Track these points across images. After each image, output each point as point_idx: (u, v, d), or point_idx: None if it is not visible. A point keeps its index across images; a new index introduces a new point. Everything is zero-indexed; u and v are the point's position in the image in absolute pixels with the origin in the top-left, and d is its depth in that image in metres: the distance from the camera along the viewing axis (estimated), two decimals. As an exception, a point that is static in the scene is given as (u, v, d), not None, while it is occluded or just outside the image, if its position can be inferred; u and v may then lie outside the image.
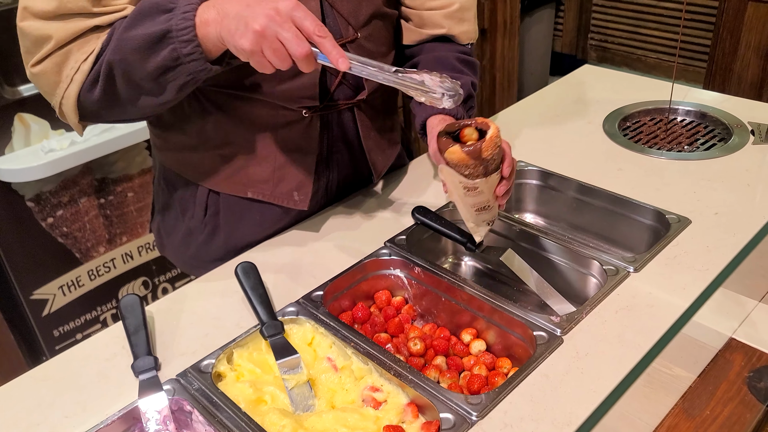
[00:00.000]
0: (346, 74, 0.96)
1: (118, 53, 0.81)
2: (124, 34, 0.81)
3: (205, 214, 1.04)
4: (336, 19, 0.93)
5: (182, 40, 0.78)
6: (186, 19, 0.78)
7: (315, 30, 0.74)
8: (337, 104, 0.98)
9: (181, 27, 0.78)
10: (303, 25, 0.74)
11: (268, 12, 0.73)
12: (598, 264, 0.93)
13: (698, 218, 0.99)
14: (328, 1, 0.92)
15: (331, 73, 0.95)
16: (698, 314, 0.66)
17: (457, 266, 1.10)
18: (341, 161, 1.06)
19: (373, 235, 1.02)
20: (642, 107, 1.32)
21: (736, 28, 2.25)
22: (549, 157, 1.18)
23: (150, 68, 0.80)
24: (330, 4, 0.92)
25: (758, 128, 1.20)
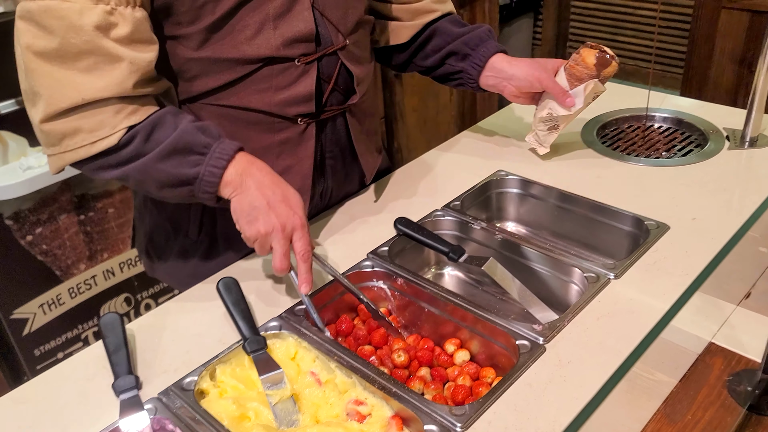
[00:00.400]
0: (337, 79, 0.99)
1: (139, 175, 0.86)
2: (152, 164, 0.84)
3: (200, 230, 1.04)
4: (327, 28, 0.95)
5: (203, 190, 0.86)
6: (213, 175, 0.85)
7: (302, 253, 0.85)
8: (330, 110, 1.00)
9: (206, 180, 0.85)
10: (296, 244, 0.85)
11: (277, 225, 0.83)
12: (580, 271, 0.93)
13: (676, 224, 1.00)
14: (318, 11, 0.93)
15: (324, 80, 0.97)
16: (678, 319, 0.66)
17: (440, 276, 1.10)
18: (335, 167, 1.07)
19: (356, 246, 1.02)
20: (620, 114, 1.33)
21: (710, 34, 2.28)
22: (530, 166, 1.19)
23: (164, 193, 0.88)
24: (321, 13, 0.94)
25: (733, 134, 1.22)
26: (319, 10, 0.93)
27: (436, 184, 1.18)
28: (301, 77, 0.94)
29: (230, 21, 0.88)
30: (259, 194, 0.85)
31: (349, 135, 1.06)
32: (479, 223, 1.05)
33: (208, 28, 0.88)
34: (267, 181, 0.86)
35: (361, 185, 1.17)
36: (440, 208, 1.09)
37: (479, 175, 1.18)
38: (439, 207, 1.10)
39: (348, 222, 1.09)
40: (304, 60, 0.93)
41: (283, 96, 0.94)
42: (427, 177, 1.20)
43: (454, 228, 1.07)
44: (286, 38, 0.91)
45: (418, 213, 1.09)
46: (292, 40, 0.91)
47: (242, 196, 0.85)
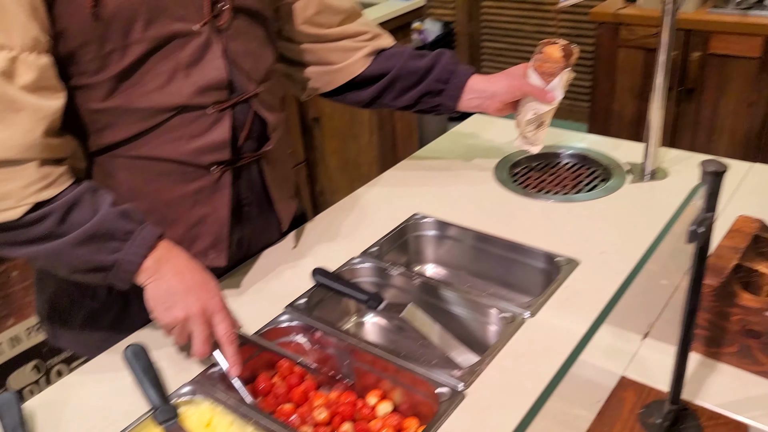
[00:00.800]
0: (251, 127, 0.98)
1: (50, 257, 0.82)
2: (67, 248, 0.80)
3: (110, 291, 0.99)
4: (239, 76, 0.95)
5: (118, 277, 0.83)
6: (132, 263, 0.82)
7: (226, 336, 0.84)
8: (246, 157, 0.99)
9: (124, 268, 0.82)
10: (217, 329, 0.84)
11: (196, 310, 0.82)
12: (496, 312, 0.94)
13: (586, 258, 1.03)
14: (230, 60, 0.93)
15: (238, 128, 0.97)
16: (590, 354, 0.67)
17: (361, 325, 1.09)
18: (251, 215, 1.05)
19: (273, 300, 0.99)
20: (529, 153, 1.37)
21: (610, 71, 2.42)
22: (445, 208, 1.20)
23: (75, 276, 0.85)
24: (233, 62, 0.94)
25: (634, 167, 1.28)
26: (231, 58, 0.93)
27: (354, 229, 1.17)
28: (214, 125, 0.93)
29: (139, 70, 0.87)
30: (176, 280, 0.83)
31: (264, 182, 1.05)
32: (397, 269, 1.05)
33: (116, 77, 0.86)
34: (184, 267, 0.85)
35: (280, 232, 1.16)
36: (358, 255, 1.09)
37: (396, 219, 1.18)
38: (357, 254, 1.09)
39: (265, 274, 1.06)
40: (217, 108, 0.93)
41: (196, 144, 0.93)
42: (345, 223, 1.20)
43: (372, 275, 1.06)
44: (199, 86, 0.90)
45: (336, 261, 1.08)
46: (204, 88, 0.91)
47: (158, 282, 0.83)
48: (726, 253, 0.82)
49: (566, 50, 1.15)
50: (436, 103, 1.19)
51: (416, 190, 1.28)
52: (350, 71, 1.17)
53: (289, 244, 1.15)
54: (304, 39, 1.14)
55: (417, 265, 1.19)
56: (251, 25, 0.97)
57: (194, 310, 0.82)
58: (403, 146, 3.02)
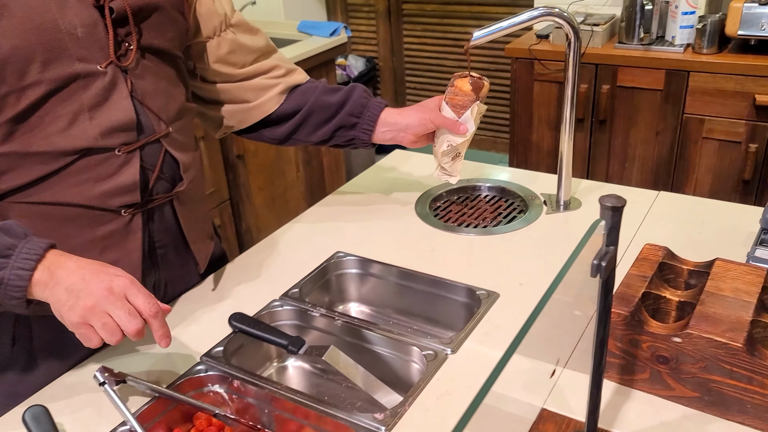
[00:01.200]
0: (162, 167, 0.96)
1: None
2: None
3: (13, 343, 0.93)
4: (148, 116, 0.93)
5: (9, 296, 0.77)
6: (20, 278, 0.76)
7: (147, 308, 0.77)
8: (157, 198, 0.96)
9: (12, 284, 0.76)
10: (136, 302, 0.77)
11: (101, 291, 0.76)
12: (418, 350, 0.94)
13: (505, 291, 1.04)
14: (138, 99, 0.91)
15: (149, 169, 0.94)
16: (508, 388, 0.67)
17: (283, 370, 1.06)
18: (166, 257, 1.02)
19: (189, 348, 0.95)
20: (449, 187, 1.39)
21: (527, 104, 2.50)
22: (368, 245, 1.20)
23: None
24: (140, 102, 0.92)
25: (549, 198, 1.32)
26: (138, 98, 0.91)
27: (275, 270, 1.15)
28: (123, 167, 0.91)
29: (38, 112, 0.83)
30: (74, 278, 0.77)
31: (178, 223, 1.02)
32: (318, 310, 1.03)
33: (13, 120, 0.82)
34: (79, 265, 0.79)
35: (198, 275, 1.12)
36: (278, 297, 1.06)
37: (318, 258, 1.17)
38: (278, 296, 1.07)
39: (180, 321, 1.02)
40: (125, 149, 0.90)
41: (104, 187, 0.90)
42: (265, 263, 1.17)
43: (293, 317, 1.04)
44: (105, 128, 0.88)
45: (256, 304, 1.05)
46: (111, 130, 0.88)
47: (55, 288, 0.77)
48: (634, 281, 0.85)
49: (476, 84, 1.17)
50: (351, 137, 1.20)
51: (338, 228, 1.27)
52: (264, 109, 1.16)
53: (208, 288, 1.11)
54: (218, 78, 1.12)
55: (340, 305, 1.18)
56: (160, 64, 0.95)
57: (100, 293, 0.75)
58: (330, 180, 3.01)
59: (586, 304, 0.82)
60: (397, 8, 3.62)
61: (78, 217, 0.90)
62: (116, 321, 0.76)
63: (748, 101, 2.10)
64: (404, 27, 3.65)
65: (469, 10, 3.41)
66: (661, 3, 2.28)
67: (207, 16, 1.07)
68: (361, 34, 3.77)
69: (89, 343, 0.78)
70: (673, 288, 0.88)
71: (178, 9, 0.98)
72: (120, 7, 0.87)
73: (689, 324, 0.76)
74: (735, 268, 0.85)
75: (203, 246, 1.10)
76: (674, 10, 2.24)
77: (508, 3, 3.29)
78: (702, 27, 2.15)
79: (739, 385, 0.74)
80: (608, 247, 0.61)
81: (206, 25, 1.07)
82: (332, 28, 2.79)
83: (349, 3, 3.74)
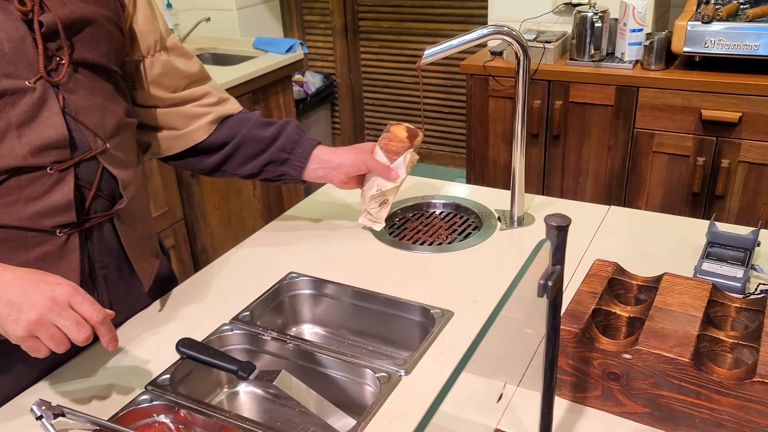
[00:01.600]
0: (100, 185, 0.93)
1: None
2: None
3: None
4: (82, 132, 0.90)
5: None
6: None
7: (93, 316, 0.76)
8: (95, 217, 0.94)
9: None
10: (81, 310, 0.76)
11: (44, 302, 0.74)
12: (372, 372, 0.92)
13: (460, 309, 1.04)
14: (71, 115, 0.88)
15: (85, 187, 0.91)
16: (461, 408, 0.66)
17: (234, 396, 1.03)
18: (109, 278, 0.99)
19: (133, 377, 0.92)
20: (404, 204, 1.39)
21: (483, 120, 2.53)
22: (321, 265, 1.18)
23: None
24: (74, 118, 0.89)
25: (503, 215, 1.32)
26: (72, 114, 0.88)
27: (225, 293, 1.12)
28: (56, 185, 0.87)
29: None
30: (11, 289, 0.75)
31: (120, 242, 0.99)
32: (270, 334, 1.00)
33: None
34: (15, 275, 0.77)
35: (145, 296, 1.08)
36: (228, 321, 1.03)
37: (270, 279, 1.14)
38: (228, 320, 1.04)
39: (124, 347, 0.98)
40: (58, 167, 0.87)
41: (36, 207, 0.86)
42: (215, 286, 1.14)
43: (244, 341, 1.01)
44: (35, 146, 0.84)
45: (205, 329, 1.02)
46: (41, 148, 0.85)
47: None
48: (584, 298, 0.85)
49: (411, 132, 1.20)
50: (281, 173, 1.17)
51: (292, 247, 1.25)
52: (193, 137, 1.13)
53: (154, 312, 1.07)
54: (148, 101, 1.08)
55: (294, 327, 1.15)
56: (95, 79, 0.93)
57: (43, 304, 0.74)
58: (289, 197, 2.98)
59: (537, 321, 0.81)
60: (353, 25, 3.63)
61: (9, 239, 0.86)
62: (63, 331, 0.75)
63: (695, 116, 2.16)
64: (361, 44, 3.66)
65: (425, 27, 3.44)
66: (610, 20, 2.34)
67: (143, 33, 1.04)
68: (318, 50, 3.77)
69: (37, 354, 0.76)
70: (623, 304, 0.89)
71: (114, 22, 0.95)
72: (50, 21, 0.84)
73: (638, 340, 0.76)
74: (682, 282, 0.86)
75: (147, 265, 1.07)
76: (623, 27, 2.30)
77: (462, 21, 3.34)
78: (649, 44, 2.21)
79: (688, 399, 0.75)
80: (554, 266, 0.61)
81: (142, 42, 1.04)
82: (288, 45, 2.78)
83: (306, 20, 3.74)
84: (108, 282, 0.99)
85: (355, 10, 3.60)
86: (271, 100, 2.76)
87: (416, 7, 3.44)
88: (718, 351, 0.79)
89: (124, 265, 1.01)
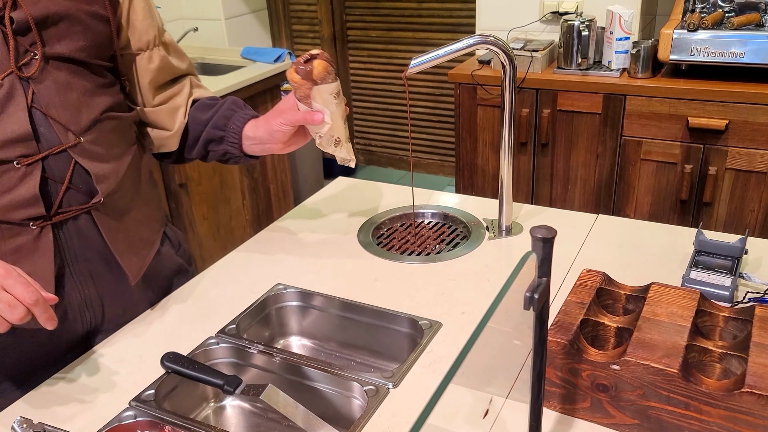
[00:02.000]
0: (73, 179, 0.94)
1: None
2: None
3: None
4: (51, 127, 0.91)
5: None
6: None
7: (26, 297, 0.76)
8: (69, 211, 0.94)
9: None
10: (15, 292, 0.76)
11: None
12: (359, 385, 0.91)
13: (448, 320, 1.03)
14: (40, 110, 0.90)
15: (56, 180, 0.92)
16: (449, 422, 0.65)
17: (220, 411, 1.01)
18: (96, 272, 1.00)
19: (117, 393, 0.90)
20: (392, 214, 1.38)
21: (471, 128, 2.53)
22: (309, 276, 1.17)
23: None
24: (44, 113, 0.90)
25: (491, 224, 1.32)
26: (41, 109, 0.90)
27: (211, 306, 1.11)
28: (23, 179, 0.89)
29: None
30: None
31: (102, 235, 0.98)
32: (256, 347, 0.99)
33: None
34: None
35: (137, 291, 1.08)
36: (214, 334, 1.02)
37: (257, 291, 1.13)
38: (214, 333, 1.02)
39: (107, 362, 0.97)
40: (25, 161, 0.89)
41: (4, 201, 0.89)
42: (201, 299, 1.13)
43: (230, 355, 1.00)
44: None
45: (190, 343, 1.00)
46: (5, 142, 0.87)
47: None
48: (572, 308, 0.85)
49: (304, 72, 1.04)
50: (223, 151, 1.15)
51: (279, 259, 1.24)
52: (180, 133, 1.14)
53: (138, 326, 1.06)
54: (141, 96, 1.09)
55: (281, 339, 1.14)
56: (72, 74, 0.93)
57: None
58: (278, 207, 2.97)
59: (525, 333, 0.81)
60: (342, 34, 3.63)
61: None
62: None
63: (681, 123, 2.17)
64: (350, 53, 3.67)
65: (413, 36, 3.45)
66: (597, 29, 2.35)
67: (144, 26, 1.04)
68: (307, 59, 3.77)
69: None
70: (611, 314, 0.89)
71: (98, 17, 0.95)
72: (21, 18, 0.85)
73: (626, 351, 0.76)
74: (670, 292, 0.86)
75: (135, 258, 1.05)
76: (609, 36, 2.31)
77: (450, 30, 3.35)
78: (636, 52, 2.22)
79: (677, 411, 0.74)
80: (540, 279, 0.60)
81: (142, 35, 1.04)
82: (276, 54, 2.77)
83: (294, 29, 3.74)
84: (95, 276, 0.99)
85: (343, 20, 3.61)
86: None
87: (404, 16, 3.45)
88: (706, 361, 0.79)
89: (113, 260, 1.01)
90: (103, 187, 0.97)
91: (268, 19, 3.61)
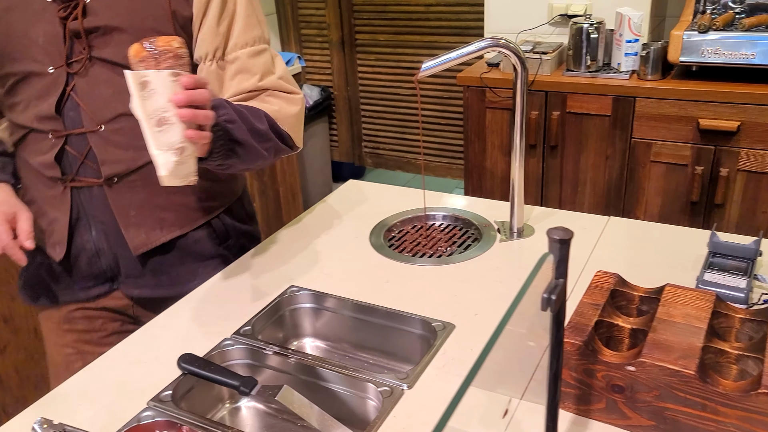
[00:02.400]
0: (88, 154, 1.10)
1: None
2: None
3: None
4: (79, 112, 1.08)
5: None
6: None
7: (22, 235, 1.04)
8: (84, 181, 1.12)
9: None
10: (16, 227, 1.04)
11: None
12: (374, 386, 0.91)
13: (461, 321, 1.03)
14: (77, 99, 1.07)
15: (75, 155, 1.10)
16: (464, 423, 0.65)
17: (236, 412, 1.02)
18: (109, 234, 1.15)
19: (135, 395, 0.91)
20: (403, 216, 1.39)
21: (480, 131, 2.53)
22: (322, 278, 1.18)
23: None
24: (77, 100, 1.07)
25: (503, 226, 1.32)
26: (78, 98, 1.07)
27: (226, 308, 1.11)
28: (52, 148, 1.10)
29: (12, 93, 1.11)
30: None
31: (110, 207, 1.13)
32: (271, 348, 1.00)
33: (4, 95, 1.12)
34: None
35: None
36: (230, 336, 1.03)
37: (271, 294, 1.14)
38: (229, 334, 1.03)
39: (126, 364, 0.98)
40: (55, 135, 1.10)
41: (39, 160, 1.12)
42: (216, 301, 1.14)
43: (245, 356, 1.01)
44: (38, 116, 1.09)
45: (206, 344, 1.01)
46: (41, 118, 1.09)
47: None
48: (587, 310, 0.85)
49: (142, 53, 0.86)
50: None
51: (292, 261, 1.24)
52: None
53: (155, 328, 1.07)
54: None
55: (295, 341, 1.15)
56: (113, 74, 1.06)
57: None
58: (288, 210, 2.98)
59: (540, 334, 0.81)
60: (350, 39, 3.64)
61: (37, 177, 1.14)
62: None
63: (692, 125, 2.17)
64: (358, 57, 3.68)
65: (421, 40, 3.46)
66: (606, 31, 2.35)
67: (203, 39, 1.10)
68: (315, 64, 3.78)
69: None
70: (625, 315, 0.89)
71: (154, 31, 1.04)
72: (75, 28, 1.04)
73: (642, 352, 0.76)
74: (684, 293, 0.86)
75: (140, 232, 1.15)
76: (619, 38, 2.31)
77: (458, 33, 3.35)
78: (645, 54, 2.22)
79: (693, 412, 0.74)
80: (558, 280, 0.61)
81: (199, 47, 1.11)
82: (286, 59, 2.79)
83: (303, 33, 3.75)
84: (108, 236, 1.15)
85: (351, 24, 3.62)
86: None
87: (412, 20, 3.45)
88: (723, 363, 0.79)
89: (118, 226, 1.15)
90: (106, 169, 1.10)
91: (277, 23, 3.62)
